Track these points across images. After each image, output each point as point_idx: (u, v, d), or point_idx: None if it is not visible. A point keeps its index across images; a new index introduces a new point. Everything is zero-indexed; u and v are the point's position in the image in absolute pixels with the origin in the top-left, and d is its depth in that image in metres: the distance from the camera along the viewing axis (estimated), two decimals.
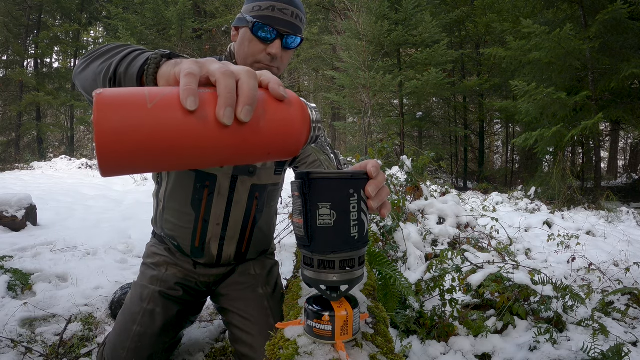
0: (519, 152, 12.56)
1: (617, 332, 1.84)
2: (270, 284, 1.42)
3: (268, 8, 1.13)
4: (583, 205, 6.08)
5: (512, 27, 8.80)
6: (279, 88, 0.50)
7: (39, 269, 2.30)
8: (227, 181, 1.25)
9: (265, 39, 1.15)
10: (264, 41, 1.16)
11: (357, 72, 9.29)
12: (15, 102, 14.68)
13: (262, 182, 1.30)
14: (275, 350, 0.74)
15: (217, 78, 0.46)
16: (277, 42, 1.16)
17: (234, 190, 1.27)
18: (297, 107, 0.54)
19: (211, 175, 1.24)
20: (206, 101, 0.45)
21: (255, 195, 1.30)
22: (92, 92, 0.43)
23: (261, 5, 1.14)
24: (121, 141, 0.42)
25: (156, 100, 0.43)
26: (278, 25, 1.14)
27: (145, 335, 1.29)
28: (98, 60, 0.77)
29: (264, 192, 1.32)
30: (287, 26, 1.15)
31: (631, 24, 6.50)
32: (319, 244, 0.70)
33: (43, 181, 7.28)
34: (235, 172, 1.25)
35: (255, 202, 1.31)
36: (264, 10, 1.13)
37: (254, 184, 1.29)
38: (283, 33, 1.15)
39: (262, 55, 1.17)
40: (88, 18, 17.37)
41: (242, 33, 1.19)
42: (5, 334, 1.62)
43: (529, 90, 6.64)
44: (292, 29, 1.16)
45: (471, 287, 2.03)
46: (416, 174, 3.49)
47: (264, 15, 1.13)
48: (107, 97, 0.42)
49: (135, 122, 0.42)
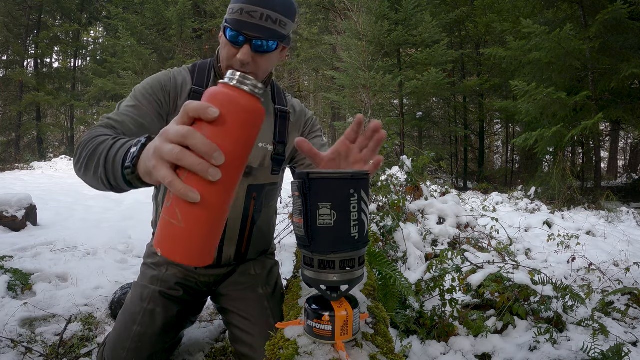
0: (519, 152, 12.56)
1: (617, 332, 1.84)
2: (271, 284, 1.42)
3: (238, 11, 1.07)
4: (583, 205, 6.08)
5: (512, 27, 8.80)
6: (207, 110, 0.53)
7: (39, 269, 2.30)
8: None
9: (234, 44, 1.10)
10: (234, 46, 1.11)
11: (357, 72, 9.29)
12: (15, 102, 14.68)
13: (260, 182, 1.29)
14: (275, 350, 0.74)
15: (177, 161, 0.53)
16: (245, 48, 1.09)
17: None
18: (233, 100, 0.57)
19: None
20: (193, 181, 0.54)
21: (252, 195, 1.29)
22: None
23: (233, 8, 1.09)
24: (191, 253, 0.58)
25: (180, 219, 0.56)
26: (245, 30, 1.07)
27: (145, 335, 1.29)
28: (89, 167, 0.86)
29: (262, 191, 1.31)
30: (255, 30, 1.07)
31: (631, 24, 6.49)
32: (319, 244, 0.70)
33: (43, 181, 7.29)
34: None
35: (253, 203, 1.30)
36: (234, 14, 1.08)
37: (251, 184, 1.27)
38: (251, 37, 1.08)
39: (234, 60, 1.12)
40: (88, 18, 17.37)
41: (222, 36, 1.16)
42: (5, 334, 1.62)
43: (529, 90, 6.64)
44: (261, 33, 1.08)
45: (471, 287, 2.03)
46: (416, 174, 3.49)
47: (233, 19, 1.08)
48: (160, 245, 0.59)
49: (186, 239, 0.57)
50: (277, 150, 1.30)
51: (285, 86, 16.28)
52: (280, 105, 1.34)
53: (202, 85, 1.24)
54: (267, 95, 1.32)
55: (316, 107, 21.47)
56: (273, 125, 1.31)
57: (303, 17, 18.85)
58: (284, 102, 1.36)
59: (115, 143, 0.83)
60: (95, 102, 15.91)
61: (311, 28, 18.74)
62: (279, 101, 1.34)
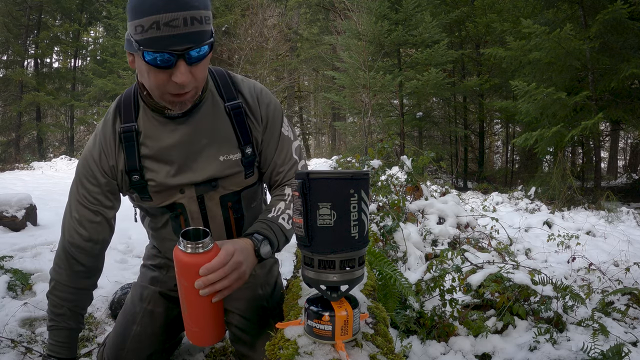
0: (519, 152, 12.55)
1: (617, 332, 1.83)
2: (270, 283, 1.42)
3: (152, 27, 0.86)
4: (583, 205, 6.08)
5: (512, 27, 8.79)
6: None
7: (39, 269, 2.30)
8: (195, 203, 1.17)
9: (163, 67, 0.91)
10: (163, 69, 0.92)
11: (357, 72, 9.30)
12: (15, 102, 14.68)
13: (232, 190, 1.20)
14: (275, 350, 0.74)
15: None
16: (180, 67, 0.91)
17: (205, 208, 1.18)
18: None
19: (178, 204, 1.17)
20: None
21: (228, 204, 1.21)
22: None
23: (143, 25, 0.87)
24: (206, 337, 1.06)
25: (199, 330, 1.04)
26: (172, 46, 0.88)
27: (145, 335, 1.29)
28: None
29: (237, 198, 1.22)
30: (183, 41, 0.88)
31: (631, 24, 6.49)
32: (319, 244, 0.70)
33: (43, 181, 7.29)
34: (199, 192, 1.15)
35: (230, 212, 1.23)
36: (148, 31, 0.87)
37: (222, 195, 1.19)
38: (182, 52, 0.90)
39: (170, 85, 0.95)
40: (88, 18, 17.36)
41: (138, 62, 0.96)
42: (5, 334, 1.62)
43: (529, 90, 6.64)
44: (192, 41, 0.89)
45: (471, 287, 2.03)
46: (416, 174, 3.49)
47: (149, 37, 0.87)
48: (192, 336, 1.06)
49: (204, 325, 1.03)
50: (245, 153, 1.16)
51: (285, 86, 16.28)
52: (230, 99, 1.15)
53: (130, 120, 1.11)
54: (211, 95, 1.15)
55: (316, 107, 21.48)
56: (231, 129, 1.15)
57: (303, 17, 18.86)
58: (233, 92, 1.16)
59: (50, 332, 1.20)
60: (95, 102, 15.90)
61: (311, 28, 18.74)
62: (227, 94, 1.16)
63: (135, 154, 1.11)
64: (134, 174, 1.12)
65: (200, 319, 1.00)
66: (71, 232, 1.16)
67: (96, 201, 1.15)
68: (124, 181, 1.15)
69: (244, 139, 1.16)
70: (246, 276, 0.99)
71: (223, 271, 0.91)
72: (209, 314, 1.00)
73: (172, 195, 1.15)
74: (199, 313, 0.99)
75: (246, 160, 1.17)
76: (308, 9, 18.20)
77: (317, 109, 21.52)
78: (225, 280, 0.93)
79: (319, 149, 22.40)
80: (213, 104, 1.15)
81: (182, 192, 1.15)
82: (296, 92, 19.18)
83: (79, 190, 1.15)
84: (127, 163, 1.12)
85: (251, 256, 1.03)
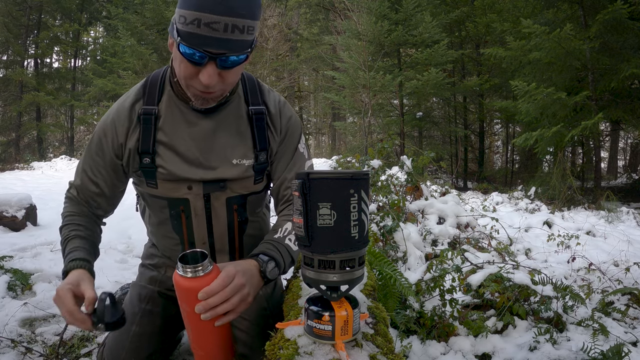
0: (519, 152, 12.55)
1: (617, 332, 1.83)
2: (270, 284, 1.41)
3: (193, 22, 0.86)
4: (583, 205, 6.08)
5: (512, 27, 8.79)
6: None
7: (39, 269, 2.30)
8: (201, 201, 1.16)
9: (193, 62, 0.92)
10: (193, 64, 0.92)
11: (357, 72, 9.30)
12: (15, 102, 14.68)
13: (239, 193, 1.19)
14: (275, 350, 0.74)
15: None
16: (208, 68, 0.92)
17: (210, 207, 1.17)
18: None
19: (182, 200, 1.15)
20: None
21: (233, 207, 1.20)
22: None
23: (186, 17, 0.87)
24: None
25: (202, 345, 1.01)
26: (207, 47, 0.88)
27: (144, 335, 1.28)
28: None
29: (243, 202, 1.22)
30: (219, 46, 0.88)
31: (631, 24, 6.49)
32: (319, 244, 0.70)
33: (43, 181, 7.29)
34: (207, 191, 1.15)
35: (235, 215, 1.22)
36: (189, 25, 0.87)
37: (229, 197, 1.18)
38: (215, 55, 0.90)
39: (195, 80, 0.96)
40: (88, 18, 17.37)
41: (174, 47, 0.96)
42: (5, 334, 1.62)
43: (529, 90, 6.64)
44: (228, 48, 0.89)
45: (471, 287, 2.03)
46: (416, 174, 3.49)
47: (188, 32, 0.88)
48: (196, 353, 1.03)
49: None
50: (259, 159, 1.16)
51: (285, 86, 16.28)
52: (254, 104, 1.17)
53: (153, 103, 1.11)
54: (238, 99, 1.16)
55: (316, 107, 21.48)
56: (250, 133, 1.16)
57: (303, 17, 18.86)
58: (258, 99, 1.18)
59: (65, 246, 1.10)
60: (95, 102, 15.91)
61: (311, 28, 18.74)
62: (253, 100, 1.17)
63: (151, 138, 1.11)
64: (145, 156, 1.11)
65: (206, 344, 0.98)
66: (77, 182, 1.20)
67: (99, 174, 1.16)
68: (133, 161, 1.14)
69: (261, 145, 1.16)
70: (250, 298, 0.95)
71: (224, 294, 0.88)
72: (214, 338, 0.98)
73: (179, 189, 1.14)
74: (204, 338, 0.96)
75: (258, 167, 1.17)
76: (308, 9, 18.20)
77: (317, 109, 21.51)
78: (227, 304, 0.89)
79: (319, 149, 22.39)
80: (238, 106, 1.16)
81: (190, 188, 1.14)
82: (296, 92, 19.18)
83: (86, 160, 1.18)
84: (141, 144, 1.11)
85: (256, 277, 0.99)
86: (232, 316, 0.92)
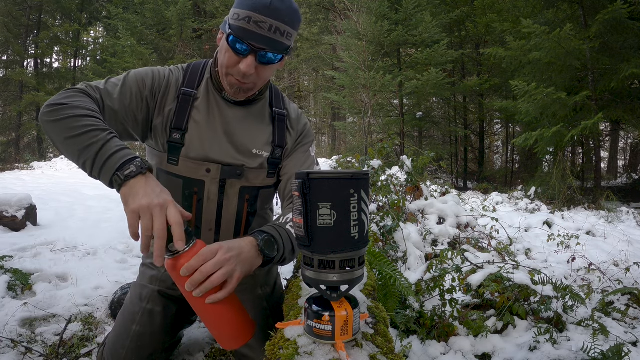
0: (519, 152, 12.56)
1: (617, 332, 1.84)
2: (270, 284, 1.42)
3: (244, 19, 1.03)
4: (583, 205, 6.08)
5: (512, 27, 8.79)
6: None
7: (39, 269, 2.30)
8: (216, 186, 1.21)
9: (238, 52, 1.08)
10: (237, 54, 1.08)
11: (357, 72, 9.29)
12: (15, 102, 14.68)
13: (252, 184, 1.26)
14: (275, 350, 0.74)
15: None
16: (249, 59, 1.07)
17: (224, 193, 1.22)
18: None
19: (198, 182, 1.20)
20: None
21: (245, 197, 1.26)
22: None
23: (239, 14, 1.04)
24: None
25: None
26: (251, 40, 1.04)
27: (144, 335, 1.29)
28: (66, 135, 0.94)
29: (255, 193, 1.28)
30: (262, 42, 1.05)
31: (631, 24, 6.49)
32: (319, 244, 0.70)
33: (43, 181, 7.29)
34: (223, 176, 1.21)
35: (246, 205, 1.27)
36: (241, 21, 1.04)
37: (243, 186, 1.24)
38: (257, 49, 1.06)
39: (235, 69, 1.11)
40: (88, 18, 17.37)
41: (222, 40, 1.13)
42: (5, 334, 1.62)
43: (529, 90, 6.64)
44: (268, 45, 1.06)
45: (471, 287, 2.03)
46: (416, 174, 3.49)
47: (239, 26, 1.04)
48: (218, 341, 1.00)
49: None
50: (275, 153, 1.27)
51: (285, 86, 16.28)
52: (278, 108, 1.32)
53: (192, 87, 1.22)
54: (264, 100, 1.30)
55: (316, 107, 21.47)
56: (271, 130, 1.28)
57: (303, 17, 18.83)
58: (281, 105, 1.34)
59: (109, 142, 0.93)
60: None
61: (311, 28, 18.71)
62: (276, 104, 1.33)
63: (186, 115, 1.20)
64: (176, 132, 1.18)
65: (214, 323, 0.95)
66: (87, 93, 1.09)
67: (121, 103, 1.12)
68: (163, 133, 1.19)
69: (279, 141, 1.28)
70: (237, 274, 0.92)
71: (205, 269, 0.86)
72: (217, 317, 0.94)
73: (198, 170, 1.19)
74: (209, 317, 0.94)
75: (272, 160, 1.27)
76: (308, 9, 18.19)
77: (317, 109, 21.51)
78: (212, 279, 0.87)
79: (319, 149, 22.37)
80: (263, 106, 1.30)
81: (208, 171, 1.20)
82: (296, 92, 19.18)
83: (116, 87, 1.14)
84: (175, 120, 1.19)
85: (247, 253, 0.97)
86: (222, 294, 0.89)
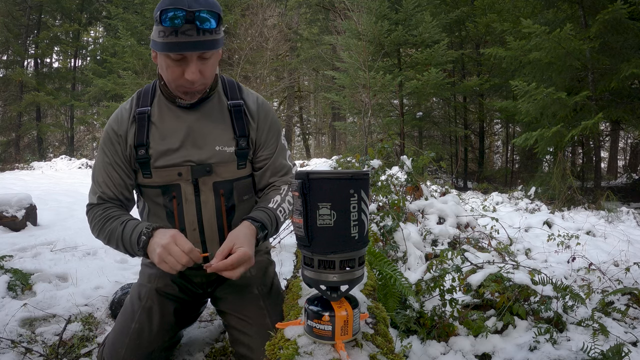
0: (519, 152, 12.55)
1: (617, 332, 1.84)
2: (266, 283, 1.42)
3: (172, 34, 1.08)
4: (583, 205, 6.08)
5: (512, 27, 8.78)
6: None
7: (39, 269, 2.30)
8: (190, 186, 1.27)
9: (178, 65, 1.14)
10: (179, 67, 1.14)
11: (357, 72, 9.29)
12: (15, 102, 14.69)
13: (224, 178, 1.30)
14: (275, 350, 0.74)
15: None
16: (191, 67, 1.13)
17: (199, 192, 1.28)
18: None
19: (175, 186, 1.27)
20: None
21: (220, 192, 1.29)
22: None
23: (164, 31, 1.08)
24: None
25: None
26: (187, 50, 1.10)
27: (143, 333, 1.29)
28: (105, 237, 1.26)
29: (229, 187, 1.31)
30: (197, 47, 1.10)
31: (631, 24, 6.48)
32: (319, 244, 0.70)
33: (43, 181, 7.29)
34: (195, 176, 1.27)
35: (222, 199, 1.30)
36: (169, 37, 1.08)
37: (216, 182, 1.29)
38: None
39: (182, 80, 1.16)
40: (88, 18, 17.37)
41: (159, 58, 1.18)
42: (5, 334, 1.62)
43: (529, 90, 6.64)
44: (203, 48, 1.11)
45: (471, 287, 2.03)
46: (416, 174, 3.49)
47: (169, 42, 1.09)
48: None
49: None
50: (239, 144, 1.31)
51: (285, 86, 16.27)
52: (233, 99, 1.34)
53: (146, 105, 1.29)
54: (217, 94, 1.33)
55: (316, 107, 21.47)
56: (230, 123, 1.32)
57: (303, 17, 18.85)
58: (237, 95, 1.36)
59: (125, 227, 1.20)
60: (95, 102, 15.91)
61: (311, 28, 18.72)
62: (232, 95, 1.35)
63: (145, 131, 1.27)
64: (141, 148, 1.26)
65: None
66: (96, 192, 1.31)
67: (117, 166, 1.28)
68: (131, 155, 1.29)
69: (240, 132, 1.32)
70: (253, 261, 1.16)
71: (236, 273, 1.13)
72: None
73: (170, 175, 1.27)
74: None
75: (239, 152, 1.31)
76: (308, 9, 18.20)
77: (317, 109, 21.51)
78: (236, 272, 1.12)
79: (319, 149, 22.38)
80: (218, 101, 1.33)
81: (180, 174, 1.27)
82: (296, 92, 19.18)
83: (99, 164, 1.31)
84: (137, 138, 1.27)
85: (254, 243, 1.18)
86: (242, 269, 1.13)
